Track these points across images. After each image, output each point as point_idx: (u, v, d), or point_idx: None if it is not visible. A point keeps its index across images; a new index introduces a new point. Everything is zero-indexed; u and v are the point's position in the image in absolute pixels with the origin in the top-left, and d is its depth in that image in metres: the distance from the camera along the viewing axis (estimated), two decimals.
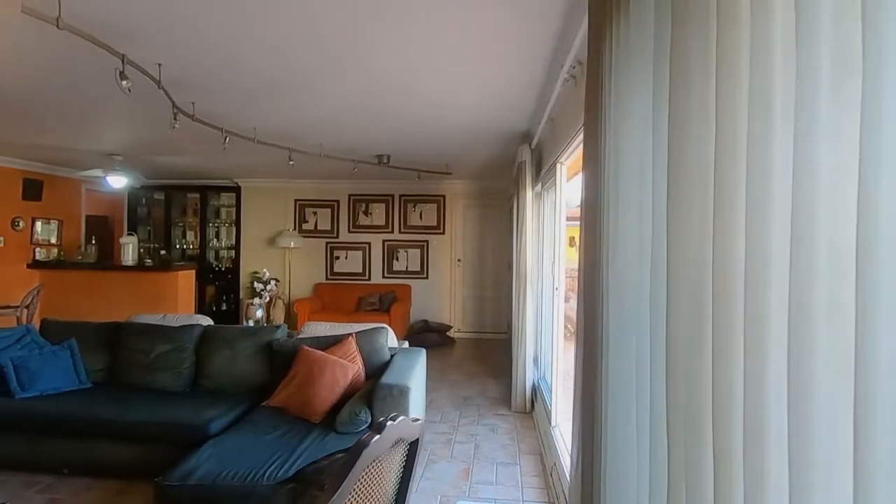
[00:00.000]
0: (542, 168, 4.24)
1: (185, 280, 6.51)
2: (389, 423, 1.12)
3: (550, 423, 3.37)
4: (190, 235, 8.29)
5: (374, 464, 1.14)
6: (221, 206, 8.25)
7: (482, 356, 6.53)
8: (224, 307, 7.90)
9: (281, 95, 3.48)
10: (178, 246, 8.16)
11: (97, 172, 5.80)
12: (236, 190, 7.99)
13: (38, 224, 6.68)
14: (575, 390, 1.37)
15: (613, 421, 1.04)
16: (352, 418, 2.71)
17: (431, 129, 4.40)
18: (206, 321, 3.97)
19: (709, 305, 0.71)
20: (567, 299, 3.82)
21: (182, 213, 8.28)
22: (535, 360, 4.44)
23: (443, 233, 7.87)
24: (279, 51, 2.68)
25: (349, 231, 7.93)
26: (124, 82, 2.39)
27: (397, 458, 1.32)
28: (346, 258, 7.96)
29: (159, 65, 2.77)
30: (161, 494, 2.18)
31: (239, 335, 3.63)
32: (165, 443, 2.91)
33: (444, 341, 7.16)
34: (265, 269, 5.43)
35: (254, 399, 3.30)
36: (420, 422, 1.32)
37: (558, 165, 3.42)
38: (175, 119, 3.18)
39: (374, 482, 1.19)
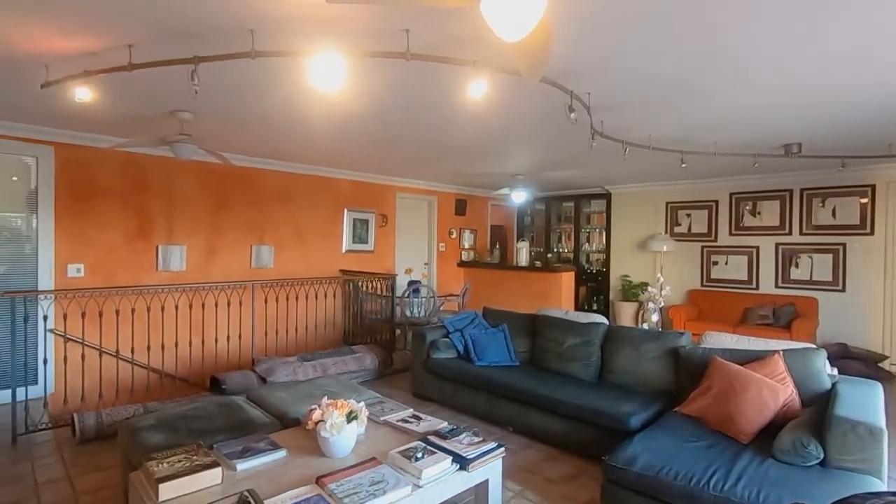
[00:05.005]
0: None
1: (567, 280, 7.28)
2: None
3: None
4: (564, 240, 9.26)
5: None
6: (592, 213, 8.84)
7: None
8: (595, 307, 8.42)
9: (681, 103, 3.44)
10: (554, 250, 9.23)
11: (505, 191, 7.18)
12: (606, 196, 8.40)
13: (463, 233, 8.82)
14: None
15: None
16: (797, 449, 2.39)
17: (871, 105, 3.44)
18: (604, 320, 4.30)
19: None
20: None
21: (558, 220, 9.32)
22: None
23: (870, 233, 6.07)
24: (686, 64, 2.71)
25: (730, 234, 7.12)
26: (572, 114, 2.84)
27: None
28: (725, 263, 7.18)
29: (588, 94, 3.18)
30: (608, 472, 2.48)
31: (643, 337, 3.77)
32: (586, 424, 3.31)
33: (873, 373, 5.50)
34: (659, 275, 5.48)
35: (661, 401, 3.36)
36: None
37: None
38: (593, 139, 3.58)
39: None
